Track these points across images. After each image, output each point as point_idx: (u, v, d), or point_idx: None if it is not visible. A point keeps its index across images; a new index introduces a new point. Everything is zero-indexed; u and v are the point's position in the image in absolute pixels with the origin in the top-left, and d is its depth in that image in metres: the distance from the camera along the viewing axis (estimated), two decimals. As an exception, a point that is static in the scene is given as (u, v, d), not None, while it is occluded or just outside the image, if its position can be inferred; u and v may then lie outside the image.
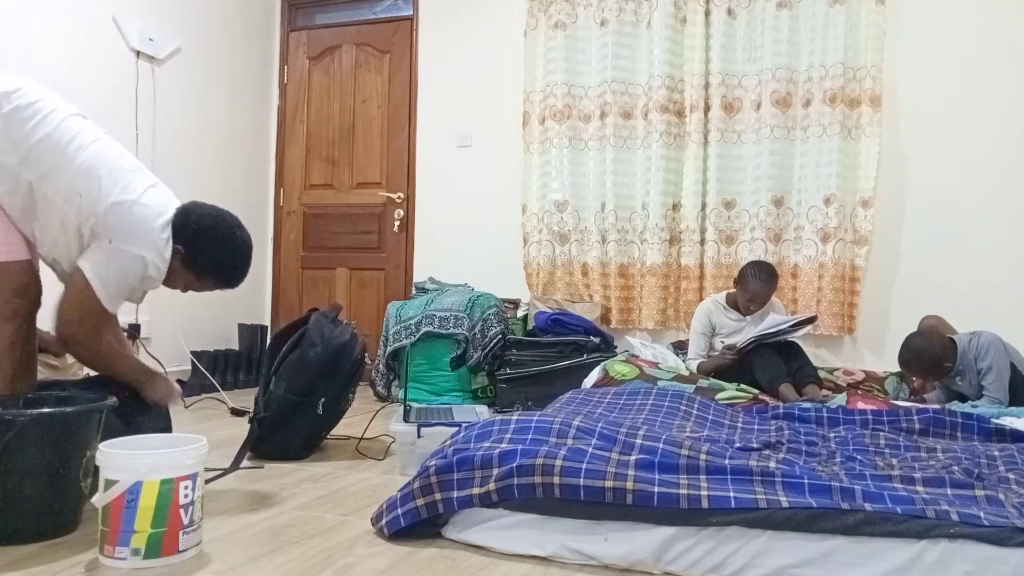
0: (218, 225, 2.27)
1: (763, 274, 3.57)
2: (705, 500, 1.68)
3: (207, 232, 2.24)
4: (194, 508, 1.72)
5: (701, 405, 2.69)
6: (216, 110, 4.78)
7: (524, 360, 3.92)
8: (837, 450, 2.18)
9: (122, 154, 2.24)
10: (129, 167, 2.22)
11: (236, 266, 2.33)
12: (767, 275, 3.58)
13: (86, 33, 3.95)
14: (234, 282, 2.37)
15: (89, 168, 2.12)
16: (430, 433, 2.46)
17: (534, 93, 4.54)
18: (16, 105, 2.07)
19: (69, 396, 2.07)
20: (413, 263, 4.92)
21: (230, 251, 2.30)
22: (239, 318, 4.89)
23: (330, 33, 5.19)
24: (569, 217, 4.47)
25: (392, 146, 5.00)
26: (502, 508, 1.81)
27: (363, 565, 1.71)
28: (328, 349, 2.77)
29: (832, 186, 3.98)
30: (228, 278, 2.34)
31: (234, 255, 2.31)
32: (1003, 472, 1.96)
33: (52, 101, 2.16)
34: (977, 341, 3.21)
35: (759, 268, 3.61)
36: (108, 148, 2.21)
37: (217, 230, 2.27)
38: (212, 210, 2.30)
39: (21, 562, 1.69)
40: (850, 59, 3.99)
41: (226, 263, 2.31)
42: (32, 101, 2.10)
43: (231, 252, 2.30)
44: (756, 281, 3.55)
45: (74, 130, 2.15)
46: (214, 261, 2.28)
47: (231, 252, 2.30)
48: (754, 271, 3.59)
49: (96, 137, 2.20)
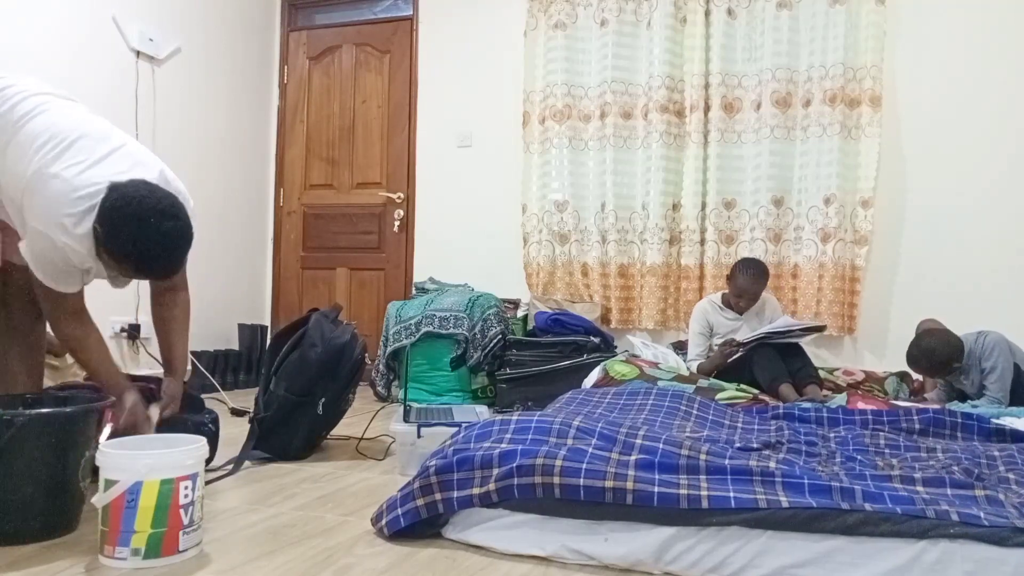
0: (135, 205, 1.96)
1: (751, 269, 3.57)
2: (705, 500, 1.68)
3: (123, 210, 1.96)
4: (194, 508, 1.72)
5: (701, 405, 2.69)
6: (216, 110, 4.78)
7: (524, 360, 3.92)
8: (837, 450, 2.18)
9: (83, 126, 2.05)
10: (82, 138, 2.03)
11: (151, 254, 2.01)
12: (755, 271, 3.58)
13: (86, 33, 3.95)
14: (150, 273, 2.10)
15: (31, 138, 1.97)
16: (430, 433, 2.46)
17: (534, 93, 4.54)
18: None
19: (69, 396, 2.07)
20: (413, 263, 4.92)
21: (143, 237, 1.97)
22: (239, 318, 4.89)
23: (330, 33, 5.19)
24: (569, 217, 4.47)
25: (392, 146, 5.00)
26: (502, 508, 1.81)
27: (363, 565, 1.71)
28: (328, 349, 2.77)
29: (832, 186, 3.98)
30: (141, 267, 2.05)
31: (147, 242, 1.98)
32: (1003, 472, 1.96)
33: (24, 84, 2.06)
34: (983, 341, 3.21)
35: (747, 263, 3.62)
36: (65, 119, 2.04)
37: (132, 210, 1.96)
38: (142, 189, 1.99)
39: (21, 562, 1.69)
40: (850, 59, 3.99)
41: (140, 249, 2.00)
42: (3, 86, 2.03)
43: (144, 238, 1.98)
44: (744, 276, 3.55)
45: (32, 104, 2.02)
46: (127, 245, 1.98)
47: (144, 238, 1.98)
48: (743, 267, 3.60)
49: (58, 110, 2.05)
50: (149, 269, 2.07)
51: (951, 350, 3.19)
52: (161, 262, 2.05)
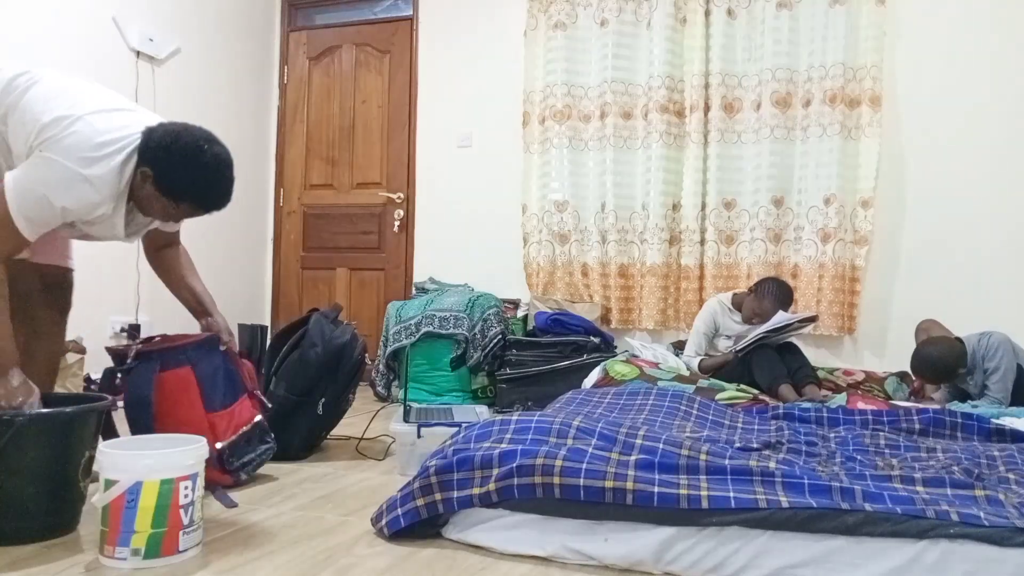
0: (182, 138, 1.98)
1: (782, 296, 3.55)
2: (705, 500, 1.68)
3: (171, 147, 1.97)
4: (194, 508, 1.72)
5: (701, 405, 2.69)
6: (216, 110, 4.77)
7: (524, 360, 3.92)
8: (837, 450, 2.18)
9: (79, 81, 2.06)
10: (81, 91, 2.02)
11: (211, 182, 2.04)
12: (784, 300, 3.56)
13: (86, 33, 3.95)
14: (213, 203, 2.08)
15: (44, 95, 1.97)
16: (430, 433, 2.46)
17: (534, 93, 4.54)
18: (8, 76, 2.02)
19: (68, 396, 2.07)
20: (413, 263, 4.92)
21: (201, 165, 2.00)
22: (239, 318, 4.89)
23: (330, 33, 5.19)
24: (569, 217, 4.47)
25: (392, 146, 5.00)
26: (502, 508, 1.81)
27: (363, 565, 1.71)
28: (328, 349, 2.77)
29: (832, 186, 3.98)
30: (205, 197, 2.05)
31: (206, 169, 2.01)
32: (1003, 472, 1.96)
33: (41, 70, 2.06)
34: (987, 341, 3.20)
35: (782, 291, 3.59)
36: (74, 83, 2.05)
37: (182, 143, 1.98)
38: (178, 125, 2.02)
39: (21, 562, 1.69)
40: (850, 59, 3.99)
41: (199, 179, 2.01)
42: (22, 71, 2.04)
43: (202, 166, 2.00)
44: (773, 303, 3.52)
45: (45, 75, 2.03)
46: (185, 179, 1.99)
47: (202, 166, 2.00)
48: (776, 292, 3.56)
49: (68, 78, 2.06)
50: (214, 199, 2.06)
51: (955, 356, 3.18)
52: (222, 188, 2.06)
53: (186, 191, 2.01)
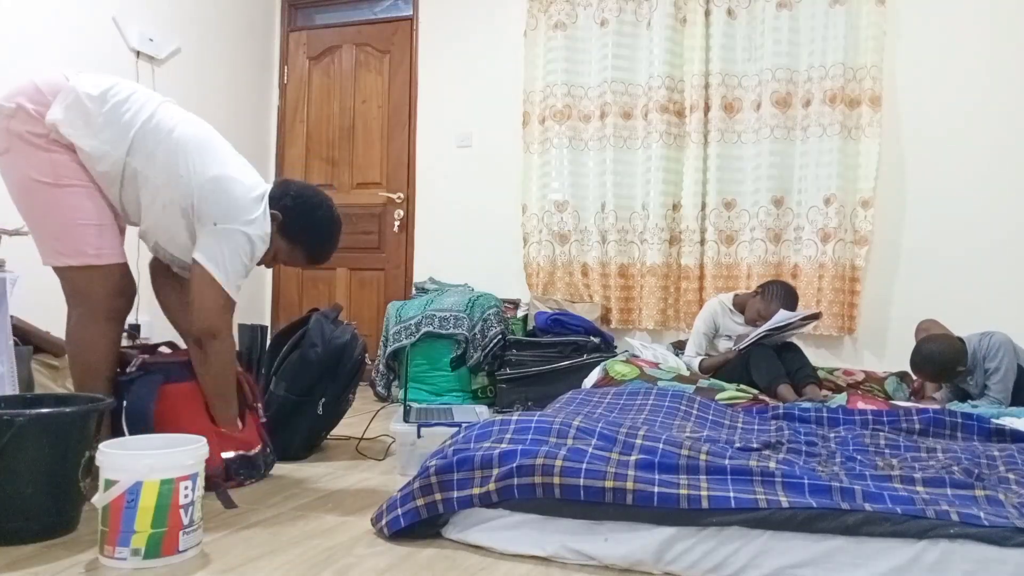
0: (316, 195, 2.39)
1: (788, 300, 3.54)
2: (705, 500, 1.68)
3: (305, 200, 2.35)
4: (194, 508, 1.72)
5: (701, 405, 2.69)
6: (216, 110, 4.76)
7: (524, 360, 3.92)
8: (837, 450, 2.18)
9: (211, 131, 2.34)
10: (219, 143, 2.32)
11: (329, 234, 2.42)
12: (790, 303, 3.55)
13: (86, 33, 3.94)
14: (323, 252, 2.44)
15: (184, 145, 2.21)
16: (430, 433, 2.46)
17: (534, 93, 4.54)
18: (115, 102, 2.19)
19: (68, 396, 2.07)
20: (413, 263, 4.92)
21: (325, 219, 2.39)
22: (239, 318, 4.85)
23: (330, 33, 5.18)
24: (569, 217, 4.47)
25: (392, 146, 5.00)
26: (502, 508, 1.81)
27: (363, 565, 1.71)
28: (328, 349, 2.77)
29: (832, 186, 3.98)
30: (320, 246, 2.42)
31: (328, 223, 2.41)
32: (1003, 472, 1.96)
33: (144, 92, 2.29)
34: (988, 341, 3.20)
35: (788, 295, 3.57)
36: (198, 126, 2.31)
37: (315, 199, 2.37)
38: (299, 184, 2.43)
39: (21, 562, 1.69)
40: (850, 59, 3.99)
41: (321, 231, 2.40)
42: (128, 95, 2.22)
43: (326, 220, 2.39)
44: (779, 306, 3.50)
45: (169, 113, 2.27)
46: (309, 227, 2.37)
47: (326, 220, 2.39)
48: (783, 296, 3.55)
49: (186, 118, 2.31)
50: (327, 249, 2.45)
51: (954, 354, 3.17)
52: (336, 243, 2.46)
53: (305, 236, 2.38)
